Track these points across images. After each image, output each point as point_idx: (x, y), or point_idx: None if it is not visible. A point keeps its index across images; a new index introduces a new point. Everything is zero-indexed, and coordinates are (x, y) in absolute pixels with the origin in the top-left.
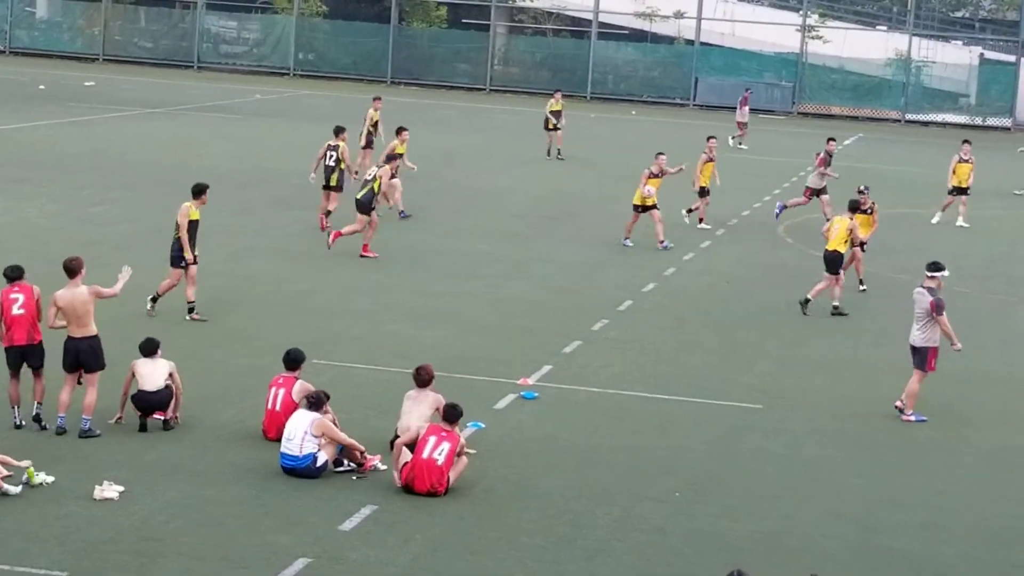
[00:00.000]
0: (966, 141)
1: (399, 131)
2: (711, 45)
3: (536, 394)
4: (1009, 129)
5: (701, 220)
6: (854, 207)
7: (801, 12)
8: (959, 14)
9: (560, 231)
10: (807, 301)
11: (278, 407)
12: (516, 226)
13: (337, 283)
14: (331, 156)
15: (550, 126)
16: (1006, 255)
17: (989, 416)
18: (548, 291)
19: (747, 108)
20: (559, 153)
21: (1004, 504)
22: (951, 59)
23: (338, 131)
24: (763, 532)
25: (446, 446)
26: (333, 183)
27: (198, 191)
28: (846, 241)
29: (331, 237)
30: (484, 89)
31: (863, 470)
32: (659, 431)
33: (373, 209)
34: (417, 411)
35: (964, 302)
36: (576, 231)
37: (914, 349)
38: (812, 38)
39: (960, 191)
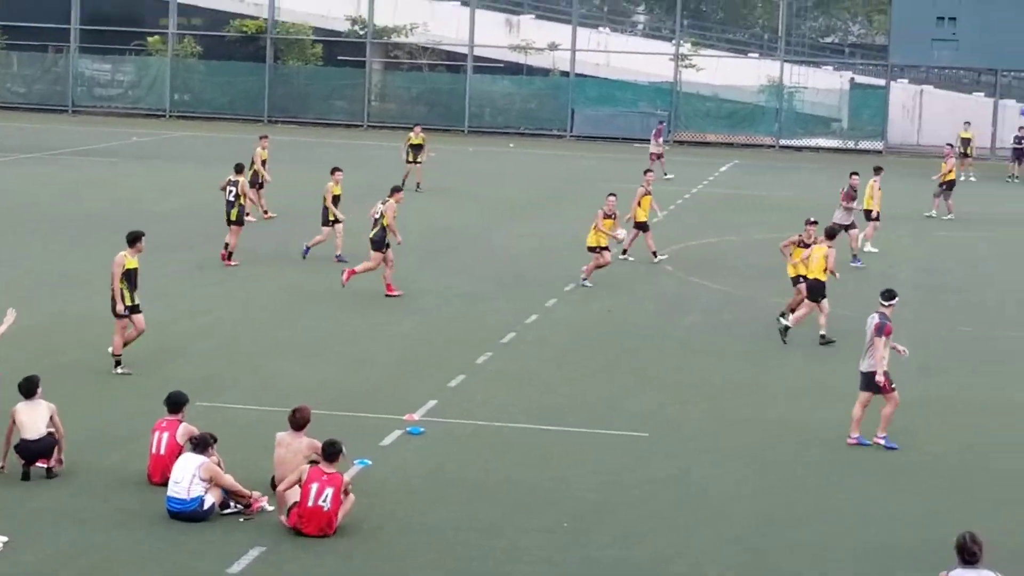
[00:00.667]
0: (880, 168)
1: (333, 171)
2: (586, 76)
3: (422, 429)
4: (881, 152)
5: (625, 252)
6: (831, 234)
7: (674, 41)
8: (829, 40)
9: (442, 265)
10: (787, 329)
11: (162, 451)
12: (399, 260)
13: (220, 323)
14: (231, 192)
15: (410, 159)
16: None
17: (874, 433)
18: (432, 325)
19: (661, 139)
20: (418, 187)
21: (895, 523)
22: (822, 84)
23: (238, 168)
24: (654, 558)
25: (329, 491)
26: (233, 218)
27: (133, 239)
28: (825, 270)
29: (344, 275)
30: (361, 125)
31: (752, 493)
32: (545, 462)
33: (388, 247)
34: (292, 458)
35: (845, 323)
36: (458, 264)
37: (862, 374)
38: (685, 67)
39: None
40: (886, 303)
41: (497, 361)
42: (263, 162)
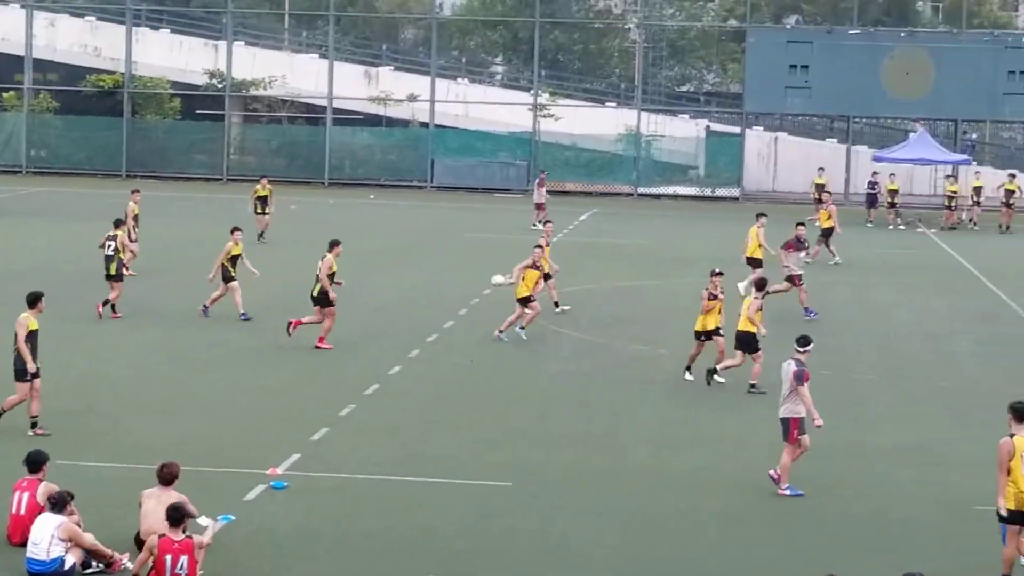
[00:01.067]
0: (762, 214)
1: (233, 231)
2: (446, 127)
3: (286, 483)
4: (738, 199)
5: (557, 304)
6: (760, 285)
7: (532, 91)
8: (685, 88)
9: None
10: (714, 372)
11: (22, 511)
12: (259, 313)
13: (81, 380)
14: (110, 246)
15: (258, 211)
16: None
17: (725, 478)
18: (295, 378)
19: (544, 189)
20: (261, 236)
21: (756, 569)
22: (679, 132)
23: (116, 223)
24: None
25: (184, 558)
26: (112, 272)
27: (33, 300)
28: (750, 320)
29: (291, 326)
30: (221, 179)
31: (613, 541)
32: (410, 513)
33: (332, 303)
34: (160, 512)
35: (702, 365)
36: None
37: (780, 420)
38: (544, 116)
39: (756, 262)
40: (801, 349)
41: (361, 413)
42: (135, 217)
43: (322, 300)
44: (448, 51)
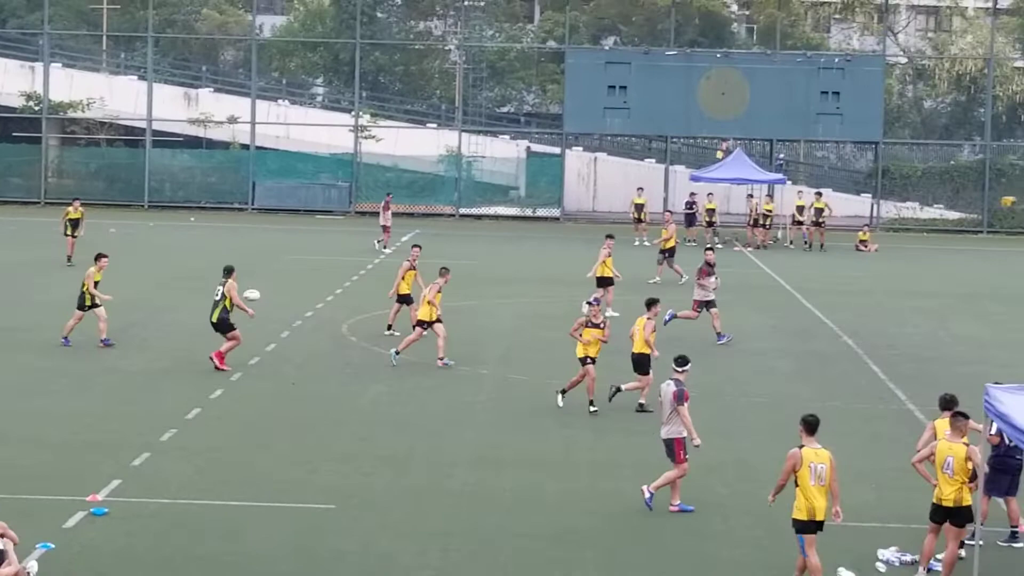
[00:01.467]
0: (610, 236)
1: (97, 258)
2: (267, 149)
3: (106, 509)
4: (558, 219)
5: (390, 327)
6: (650, 303)
7: (353, 113)
8: (505, 109)
9: (124, 340)
10: (618, 390)
11: None
12: (78, 338)
13: None
14: None
15: (68, 233)
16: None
17: (550, 498)
18: (114, 403)
19: (390, 212)
20: (69, 259)
21: None
22: (500, 153)
23: None
24: None
25: None
26: None
27: None
28: (645, 341)
29: (217, 360)
30: (39, 202)
31: (436, 562)
32: (233, 537)
33: (233, 327)
34: None
35: (521, 388)
36: (139, 341)
37: (663, 442)
38: (365, 138)
39: (606, 281)
40: (679, 369)
41: (182, 437)
42: None
43: (223, 326)
44: (269, 72)
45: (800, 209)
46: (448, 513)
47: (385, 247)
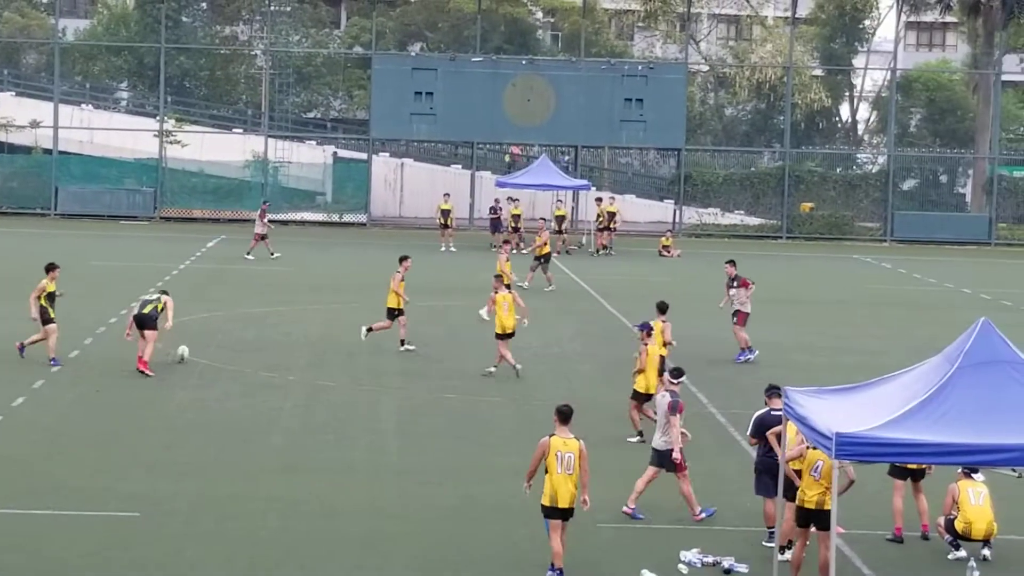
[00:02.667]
0: (507, 241)
1: (49, 269)
2: (70, 154)
3: None
4: (365, 225)
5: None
6: (662, 309)
7: (158, 118)
8: (311, 115)
9: None
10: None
11: None
12: None
13: None
14: None
15: None
16: (370, 347)
17: (358, 504)
18: None
19: (266, 219)
20: None
21: None
22: (306, 159)
23: None
24: None
25: None
26: None
27: None
28: (665, 344)
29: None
30: None
31: (242, 570)
32: (36, 546)
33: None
34: None
35: (330, 394)
36: None
37: (657, 452)
38: (170, 143)
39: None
40: (675, 380)
41: None
42: None
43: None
44: (72, 76)
45: (610, 216)
46: (256, 520)
47: (248, 254)
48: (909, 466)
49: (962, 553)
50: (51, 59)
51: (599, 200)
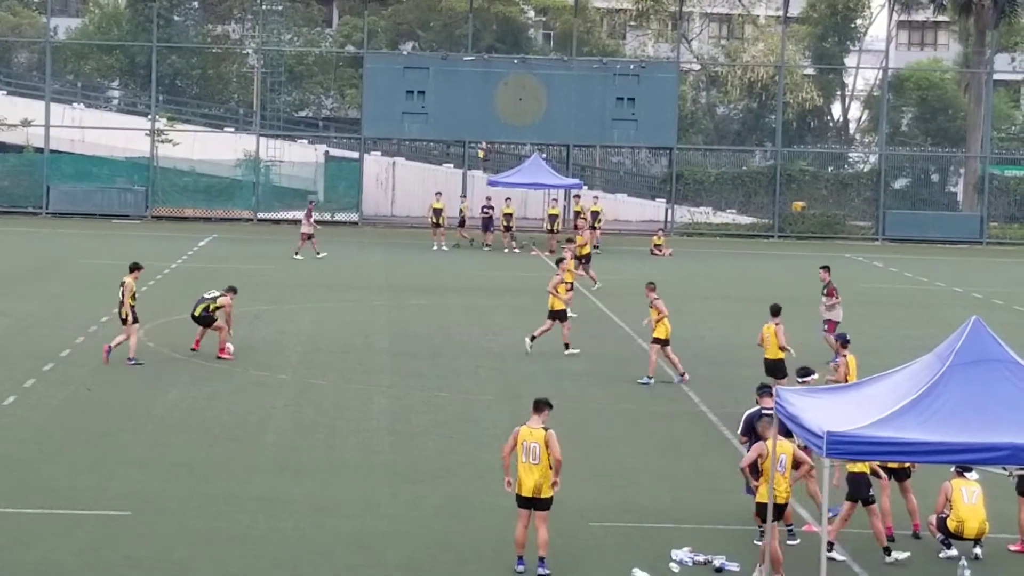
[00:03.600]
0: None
1: (133, 267)
2: (62, 152)
3: None
4: (357, 223)
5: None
6: (775, 311)
7: (150, 116)
8: (303, 114)
9: None
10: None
11: None
12: None
13: None
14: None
15: None
16: (362, 345)
17: (349, 502)
18: None
19: (312, 219)
20: None
21: None
22: (298, 158)
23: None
24: None
25: None
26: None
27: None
28: (780, 348)
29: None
30: None
31: (235, 568)
32: (27, 545)
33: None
34: None
35: (321, 393)
36: None
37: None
38: (162, 142)
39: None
40: (802, 379)
41: None
42: None
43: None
44: (63, 75)
45: (594, 215)
46: (247, 519)
47: (297, 253)
48: (890, 465)
49: (954, 552)
50: (43, 58)
51: (578, 197)
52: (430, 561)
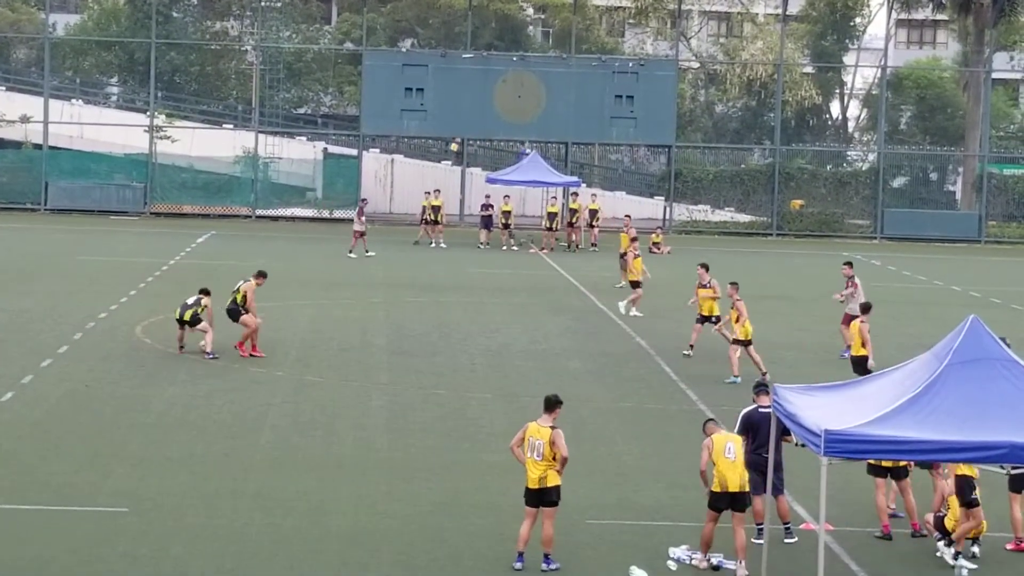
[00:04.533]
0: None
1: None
2: (60, 149)
3: None
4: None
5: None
6: (865, 309)
7: (149, 113)
8: (302, 110)
9: None
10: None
11: None
12: None
13: None
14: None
15: None
16: (359, 343)
17: (346, 500)
18: None
19: (364, 217)
20: None
21: None
22: (297, 154)
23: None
24: None
25: None
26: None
27: None
28: (863, 343)
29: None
30: None
31: (231, 564)
32: (23, 542)
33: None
34: None
35: (318, 390)
36: None
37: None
38: (161, 138)
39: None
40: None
41: None
42: None
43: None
44: (62, 71)
45: (592, 213)
46: (244, 516)
47: (351, 252)
48: (885, 464)
49: (951, 551)
50: (41, 54)
51: (575, 195)
52: (426, 558)
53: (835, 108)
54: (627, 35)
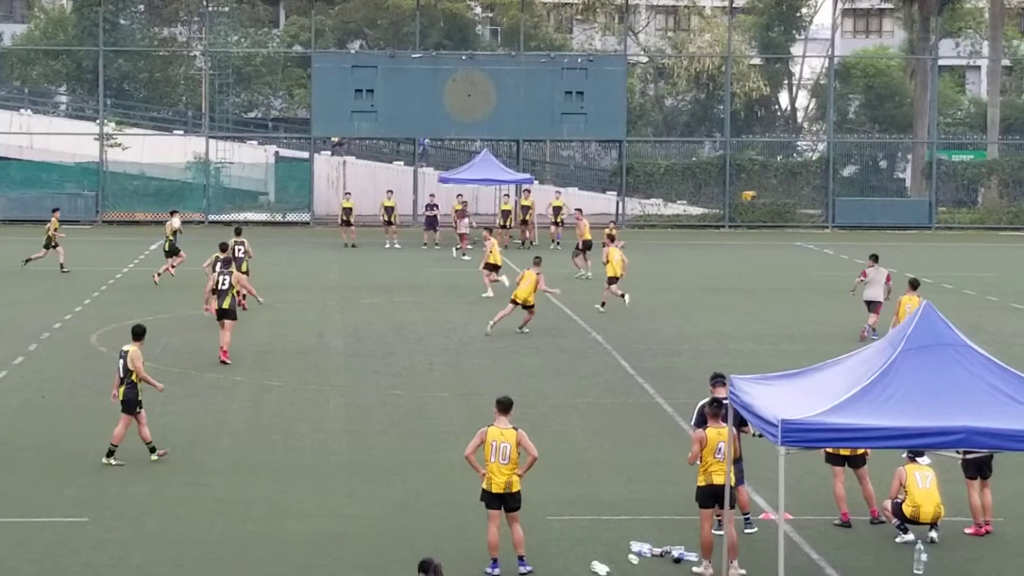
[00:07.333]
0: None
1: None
2: (9, 159)
3: None
4: (309, 224)
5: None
6: (914, 285)
7: (98, 121)
8: (252, 114)
9: None
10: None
11: None
12: None
13: None
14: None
15: None
16: (316, 346)
17: (307, 503)
18: None
19: (466, 220)
20: None
21: None
22: (248, 159)
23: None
24: None
25: None
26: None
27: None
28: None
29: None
30: None
31: (193, 572)
32: None
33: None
34: None
35: (276, 394)
36: None
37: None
38: (111, 146)
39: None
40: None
41: None
42: None
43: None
44: (10, 81)
45: (556, 210)
46: (205, 522)
47: (464, 254)
48: (842, 452)
49: (910, 536)
50: None
51: (528, 192)
52: (389, 560)
53: (784, 99)
54: (575, 31)
